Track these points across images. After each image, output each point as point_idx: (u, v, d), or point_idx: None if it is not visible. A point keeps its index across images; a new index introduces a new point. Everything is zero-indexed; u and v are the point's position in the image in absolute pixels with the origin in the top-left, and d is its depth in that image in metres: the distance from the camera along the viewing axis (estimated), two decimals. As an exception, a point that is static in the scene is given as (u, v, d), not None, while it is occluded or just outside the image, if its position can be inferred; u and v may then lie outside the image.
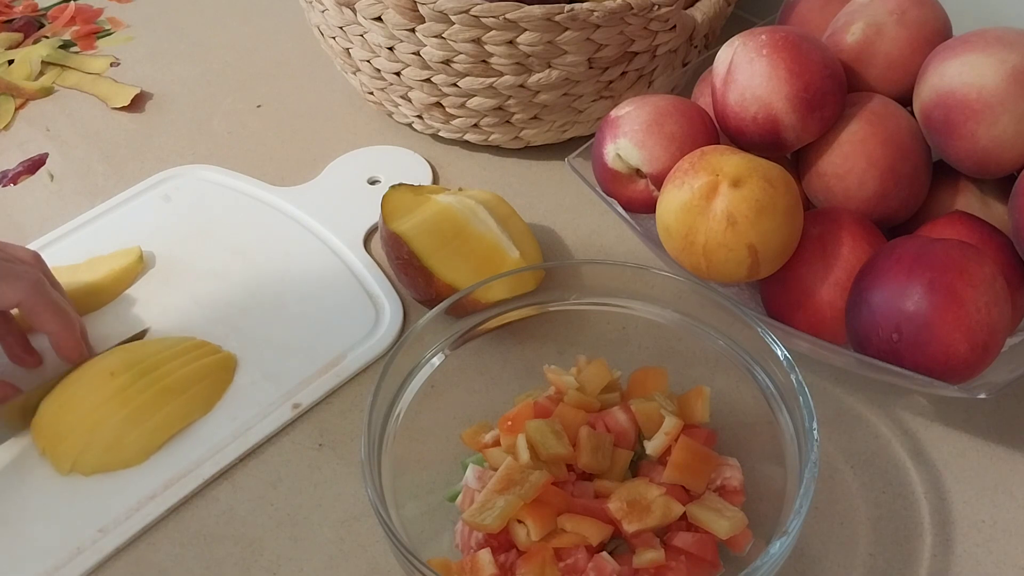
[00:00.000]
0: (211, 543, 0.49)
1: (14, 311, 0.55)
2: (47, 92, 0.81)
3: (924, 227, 0.52)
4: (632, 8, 0.61)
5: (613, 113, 0.57)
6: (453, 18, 0.60)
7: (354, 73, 0.71)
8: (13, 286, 0.52)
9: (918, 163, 0.53)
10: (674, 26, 0.65)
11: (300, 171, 0.71)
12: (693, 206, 0.49)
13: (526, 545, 0.42)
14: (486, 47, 0.62)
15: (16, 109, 0.79)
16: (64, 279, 0.58)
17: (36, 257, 0.56)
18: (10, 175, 0.72)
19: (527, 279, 0.54)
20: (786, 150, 0.54)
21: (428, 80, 0.65)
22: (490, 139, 0.70)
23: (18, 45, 0.86)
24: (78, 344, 0.55)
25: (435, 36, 0.62)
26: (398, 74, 0.66)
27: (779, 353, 0.46)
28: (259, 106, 0.78)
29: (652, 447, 0.46)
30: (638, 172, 0.56)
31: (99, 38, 0.88)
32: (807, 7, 0.62)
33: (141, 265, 0.62)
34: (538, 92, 0.65)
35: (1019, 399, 0.54)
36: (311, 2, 0.68)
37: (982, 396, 0.45)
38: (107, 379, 0.53)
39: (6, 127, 0.77)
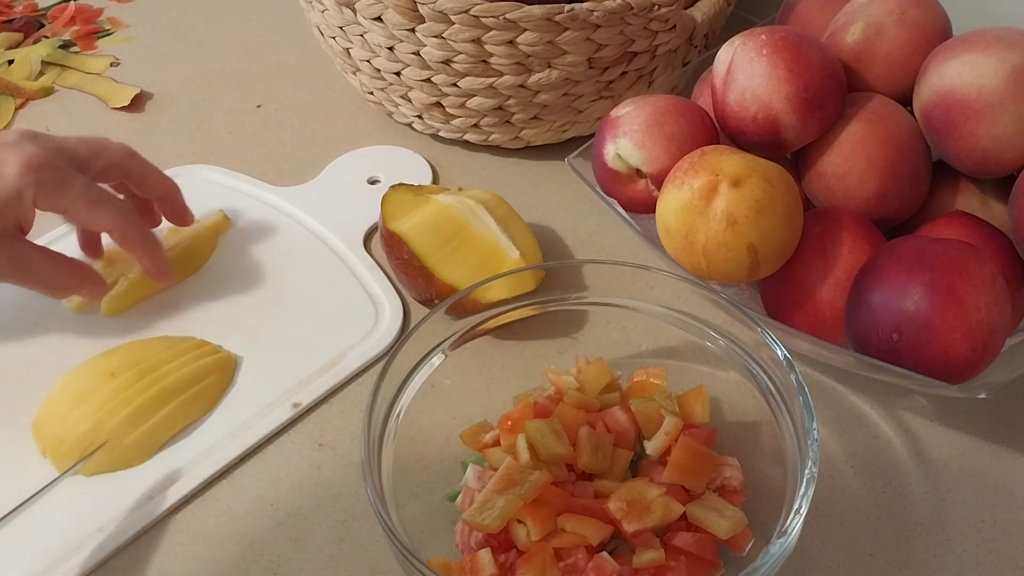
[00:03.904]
0: (211, 543, 0.49)
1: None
2: (47, 92, 0.81)
3: (924, 227, 0.52)
4: (632, 8, 0.61)
5: (613, 113, 0.57)
6: (453, 18, 0.60)
7: (354, 73, 0.71)
8: (109, 213, 0.54)
9: (918, 163, 0.53)
10: (674, 26, 0.65)
11: (300, 171, 0.71)
12: (693, 206, 0.49)
13: (526, 545, 0.42)
14: (486, 47, 0.62)
15: (16, 109, 0.79)
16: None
17: (128, 154, 0.58)
18: (10, 175, 0.72)
19: (527, 279, 0.54)
20: (786, 150, 0.54)
21: (428, 80, 0.65)
22: (490, 139, 0.70)
23: (18, 45, 0.86)
24: (165, 268, 0.58)
25: (435, 36, 0.62)
26: (398, 74, 0.66)
27: (779, 353, 0.46)
28: (259, 106, 0.78)
29: (652, 447, 0.46)
30: (638, 172, 0.56)
31: (99, 38, 0.88)
32: (807, 7, 0.62)
33: (228, 223, 0.65)
34: (538, 92, 0.65)
35: (1019, 399, 0.54)
36: (311, 2, 0.68)
37: (982, 396, 0.45)
38: (108, 379, 0.53)
39: (6, 127, 0.77)
